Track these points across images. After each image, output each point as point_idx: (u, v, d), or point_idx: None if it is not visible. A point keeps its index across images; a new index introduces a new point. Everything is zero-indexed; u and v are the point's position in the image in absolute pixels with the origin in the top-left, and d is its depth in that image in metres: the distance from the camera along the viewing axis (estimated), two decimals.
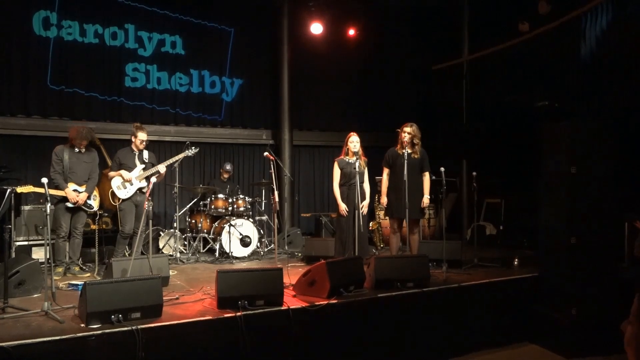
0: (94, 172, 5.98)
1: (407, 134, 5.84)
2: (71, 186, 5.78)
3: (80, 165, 5.87)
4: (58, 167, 5.77)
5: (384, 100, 10.00)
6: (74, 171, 5.83)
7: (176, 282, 5.42)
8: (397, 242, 6.00)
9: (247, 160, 9.44)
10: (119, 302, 3.78)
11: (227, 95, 9.22)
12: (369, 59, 9.98)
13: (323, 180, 9.96)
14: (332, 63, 9.75)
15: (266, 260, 7.09)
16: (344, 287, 4.63)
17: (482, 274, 5.78)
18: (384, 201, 5.93)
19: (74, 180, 5.82)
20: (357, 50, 9.86)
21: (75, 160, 5.84)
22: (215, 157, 9.16)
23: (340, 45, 9.79)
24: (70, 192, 5.74)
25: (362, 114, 9.97)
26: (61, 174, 5.72)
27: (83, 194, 5.81)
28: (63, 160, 5.77)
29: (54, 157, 5.80)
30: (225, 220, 7.34)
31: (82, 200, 5.79)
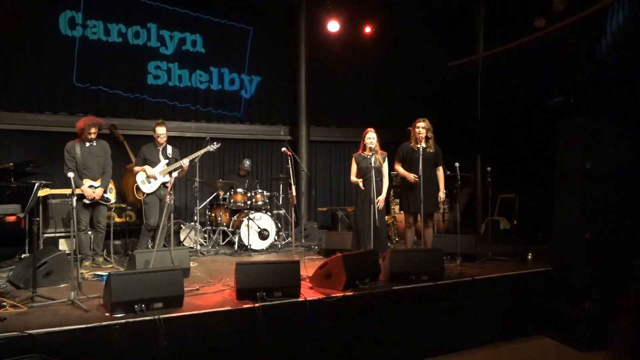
0: (107, 165, 5.86)
1: (423, 129, 5.80)
2: (86, 182, 5.67)
3: (93, 160, 5.72)
4: (71, 164, 5.61)
5: (401, 96, 9.94)
6: (88, 166, 5.68)
7: (197, 274, 5.46)
8: (412, 236, 5.98)
9: (265, 156, 9.47)
10: (142, 292, 3.82)
11: (246, 92, 9.24)
12: (385, 56, 9.93)
13: (339, 175, 9.95)
14: (349, 60, 9.71)
15: (283, 253, 7.11)
16: (360, 279, 4.63)
17: (495, 268, 5.73)
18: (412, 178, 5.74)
19: (89, 176, 5.71)
20: (374, 48, 9.81)
21: (87, 155, 5.70)
22: (234, 152, 9.20)
23: (357, 43, 9.75)
24: (87, 189, 5.64)
25: (379, 110, 9.92)
26: (75, 171, 5.56)
27: (99, 189, 5.72)
28: (75, 157, 5.64)
29: (66, 155, 5.63)
30: (244, 214, 7.37)
31: (99, 196, 5.71)
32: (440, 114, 9.75)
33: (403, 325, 4.62)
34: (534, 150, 7.62)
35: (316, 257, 6.73)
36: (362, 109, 9.92)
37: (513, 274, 5.43)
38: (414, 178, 5.66)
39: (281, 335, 4.06)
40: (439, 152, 5.93)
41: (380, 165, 5.85)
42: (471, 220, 9.23)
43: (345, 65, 9.71)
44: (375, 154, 5.73)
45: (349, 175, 5.98)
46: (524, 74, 8.28)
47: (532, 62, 8.10)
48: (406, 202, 5.92)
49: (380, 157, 5.85)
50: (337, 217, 8.57)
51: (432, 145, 5.87)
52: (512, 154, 8.27)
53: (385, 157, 5.96)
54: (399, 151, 5.99)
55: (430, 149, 5.83)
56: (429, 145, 5.84)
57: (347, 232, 7.10)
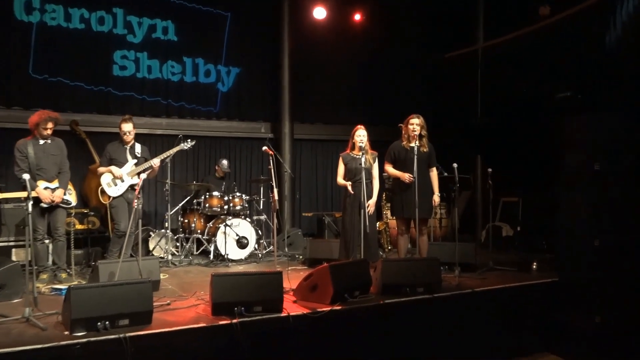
0: (64, 165, 5.74)
1: (417, 126, 5.82)
2: (41, 184, 5.52)
3: (48, 159, 5.57)
4: (24, 165, 5.43)
5: (393, 91, 9.97)
6: (42, 167, 5.51)
7: (167, 287, 5.41)
8: (405, 243, 5.99)
9: (245, 155, 9.43)
10: (105, 308, 3.77)
11: (223, 85, 9.20)
12: (377, 46, 9.95)
13: (326, 177, 9.95)
14: (337, 50, 9.72)
15: (265, 263, 7.08)
16: (349, 292, 4.62)
17: (497, 278, 5.75)
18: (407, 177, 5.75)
19: (44, 177, 5.55)
20: (364, 37, 9.82)
21: (42, 154, 5.55)
22: (210, 151, 9.15)
23: (346, 31, 9.76)
24: (42, 191, 5.48)
25: (369, 105, 9.95)
26: (29, 172, 5.28)
27: (59, 190, 5.60)
28: (28, 157, 5.46)
29: (17, 154, 5.44)
30: (221, 220, 7.33)
31: (60, 198, 5.59)
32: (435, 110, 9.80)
33: (396, 342, 4.61)
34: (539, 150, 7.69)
35: (300, 267, 6.71)
36: (351, 104, 9.93)
37: (516, 285, 5.45)
38: (410, 177, 5.67)
39: (262, 355, 4.03)
40: (432, 152, 5.96)
41: (371, 166, 5.85)
42: (470, 227, 9.28)
43: (333, 56, 9.72)
44: (365, 153, 5.73)
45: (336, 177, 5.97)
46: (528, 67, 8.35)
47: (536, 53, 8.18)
48: (399, 207, 5.93)
49: (370, 157, 5.85)
50: (324, 223, 8.56)
51: (426, 144, 5.90)
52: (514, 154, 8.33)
53: (376, 157, 5.97)
54: (390, 151, 6.01)
55: (424, 148, 5.85)
56: (423, 144, 5.86)
57: (334, 239, 7.10)
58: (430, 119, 6.07)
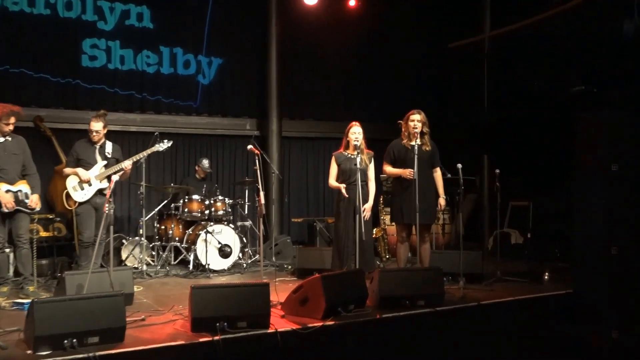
0: (30, 165, 5.66)
1: (418, 122, 5.82)
2: (2, 187, 5.46)
3: (10, 159, 5.51)
4: None
5: (391, 84, 9.98)
6: (3, 167, 5.48)
7: (142, 300, 5.39)
8: (405, 252, 6.00)
9: (228, 155, 9.41)
10: (73, 324, 3.74)
11: (204, 77, 9.18)
12: (374, 34, 9.96)
13: (318, 178, 9.94)
14: (330, 40, 9.72)
15: (250, 274, 7.08)
16: (343, 305, 4.61)
17: (506, 290, 5.77)
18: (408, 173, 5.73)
19: (5, 178, 5.49)
20: (359, 25, 9.83)
21: (2, 153, 5.47)
22: (189, 150, 9.12)
23: (339, 19, 9.76)
24: (4, 194, 5.41)
25: (366, 100, 9.95)
26: None
27: (34, 196, 5.56)
28: None
29: None
30: (201, 226, 7.31)
31: (37, 204, 5.56)
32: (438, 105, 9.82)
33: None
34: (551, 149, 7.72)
35: (289, 278, 6.72)
36: (345, 99, 9.93)
37: (527, 298, 5.47)
38: (410, 172, 5.65)
39: None
40: (435, 151, 5.97)
41: (367, 166, 5.85)
42: (476, 233, 9.30)
43: (326, 46, 9.71)
44: (361, 153, 5.73)
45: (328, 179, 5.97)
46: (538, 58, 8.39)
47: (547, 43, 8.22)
48: (398, 212, 5.93)
49: (366, 157, 5.86)
50: (315, 229, 8.56)
51: (428, 142, 5.91)
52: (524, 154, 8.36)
53: (372, 157, 5.97)
54: (389, 150, 6.01)
55: (426, 147, 5.86)
56: (425, 142, 5.87)
57: (326, 248, 7.09)
58: (433, 115, 6.07)
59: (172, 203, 7.77)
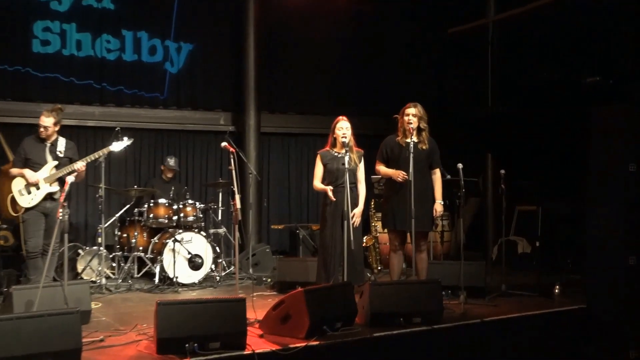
0: None
1: (413, 116, 5.83)
2: None
3: None
4: None
5: (385, 74, 10.00)
6: None
7: (101, 319, 5.37)
8: (399, 263, 6.01)
9: (199, 153, 9.38)
10: (21, 346, 3.70)
11: (172, 65, 9.13)
12: (364, 19, 9.98)
13: (301, 179, 9.94)
14: (316, 23, 9.72)
15: (224, 288, 7.08)
16: (329, 323, 4.62)
17: (512, 305, 5.80)
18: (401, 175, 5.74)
19: None
20: (349, 9, 9.85)
21: None
22: (155, 148, 9.08)
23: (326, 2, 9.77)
24: None
25: (356, 92, 9.96)
26: None
27: None
28: None
29: None
30: (169, 234, 7.28)
31: None
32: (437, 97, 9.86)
33: None
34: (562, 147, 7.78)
35: (269, 293, 6.73)
36: (332, 90, 9.92)
37: (535, 314, 5.50)
38: (403, 175, 5.68)
39: None
40: (435, 149, 5.99)
41: (356, 166, 5.86)
42: (479, 242, 9.35)
43: (311, 30, 9.71)
44: (350, 151, 5.73)
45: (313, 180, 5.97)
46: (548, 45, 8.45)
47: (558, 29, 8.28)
48: (391, 217, 5.94)
49: (355, 156, 5.86)
50: (298, 238, 8.56)
51: (426, 139, 5.92)
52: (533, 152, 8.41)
53: (362, 155, 5.98)
54: (382, 148, 6.02)
55: (423, 145, 5.87)
56: (422, 139, 5.88)
57: (310, 258, 7.09)
58: (432, 109, 6.09)
59: (136, 208, 7.72)
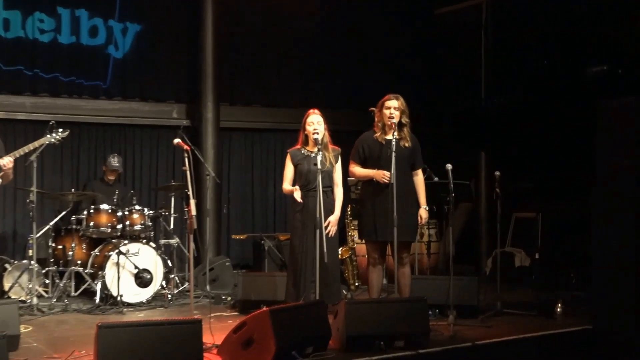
0: None
1: (395, 110, 5.84)
2: None
3: None
4: None
5: (363, 61, 10.04)
6: None
7: (31, 344, 5.32)
8: (379, 278, 6.01)
9: (148, 151, 9.34)
10: None
11: (117, 49, 9.06)
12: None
13: (267, 182, 9.95)
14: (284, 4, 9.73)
15: (176, 307, 7.05)
16: (298, 348, 4.62)
17: (508, 326, 5.84)
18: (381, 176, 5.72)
19: None
20: None
21: None
22: (96, 145, 9.02)
23: None
24: None
25: (330, 81, 9.98)
26: None
27: None
28: None
29: None
30: (112, 245, 7.23)
31: None
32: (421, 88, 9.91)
33: None
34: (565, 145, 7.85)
35: (229, 313, 6.71)
36: (303, 79, 9.95)
37: (534, 336, 5.54)
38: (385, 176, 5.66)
39: None
40: (417, 147, 6.00)
41: (332, 167, 5.85)
42: (471, 254, 9.40)
43: (279, 12, 9.72)
44: (324, 149, 5.73)
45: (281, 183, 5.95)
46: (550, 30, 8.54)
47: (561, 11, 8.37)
48: (370, 226, 5.93)
49: (331, 154, 5.86)
50: (263, 249, 8.53)
51: (408, 136, 5.92)
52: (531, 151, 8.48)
53: (339, 154, 5.97)
54: (358, 146, 6.01)
55: (405, 142, 5.88)
56: (404, 136, 5.88)
57: (278, 273, 7.11)
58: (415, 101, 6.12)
59: (73, 215, 7.63)
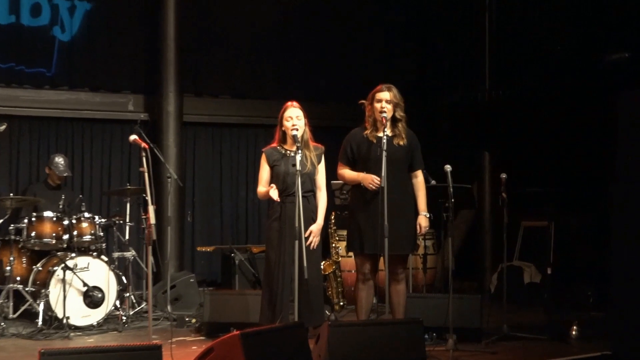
0: None
1: (387, 103, 5.84)
2: None
3: None
4: None
5: (350, 47, 10.06)
6: None
7: None
8: (368, 297, 5.99)
9: (99, 150, 9.32)
10: None
11: (63, 30, 9.03)
12: None
13: (237, 185, 9.95)
14: None
15: (132, 331, 7.03)
16: None
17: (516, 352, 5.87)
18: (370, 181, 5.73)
19: None
20: None
21: None
22: (39, 142, 9.00)
23: None
24: None
25: (311, 70, 10.00)
26: None
27: None
28: None
29: None
30: (57, 259, 7.18)
31: None
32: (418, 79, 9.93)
33: None
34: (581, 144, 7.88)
35: (193, 338, 6.70)
36: (279, 67, 9.97)
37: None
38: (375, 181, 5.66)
39: None
40: (415, 145, 5.99)
41: (314, 168, 5.83)
42: (474, 268, 9.42)
43: None
44: (304, 148, 5.71)
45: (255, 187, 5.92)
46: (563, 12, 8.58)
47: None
48: (358, 237, 5.92)
49: (313, 154, 5.84)
50: (233, 263, 8.51)
51: (404, 132, 5.92)
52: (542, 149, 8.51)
53: (322, 153, 5.96)
54: (345, 145, 6.00)
55: (400, 140, 5.88)
56: (398, 132, 5.88)
57: (251, 291, 7.15)
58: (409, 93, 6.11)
59: (11, 224, 7.57)
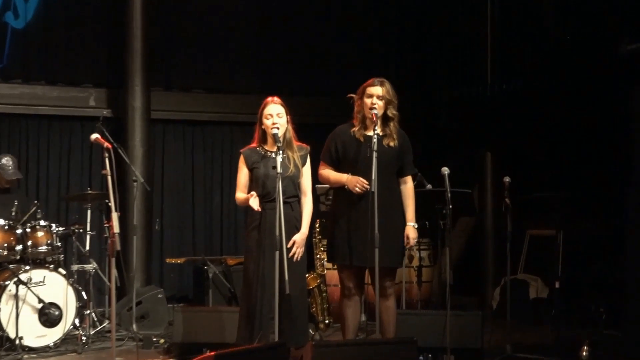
0: None
1: (379, 98, 5.86)
2: None
3: None
4: None
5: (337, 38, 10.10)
6: None
7: None
8: (355, 314, 6.01)
9: (57, 150, 9.34)
10: None
11: (17, 17, 9.03)
12: None
13: (211, 190, 9.97)
14: None
15: (93, 353, 7.05)
16: None
17: None
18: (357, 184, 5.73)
19: None
20: None
21: None
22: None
23: None
24: None
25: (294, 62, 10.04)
26: None
27: None
28: None
29: None
30: (9, 272, 7.15)
31: None
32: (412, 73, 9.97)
33: None
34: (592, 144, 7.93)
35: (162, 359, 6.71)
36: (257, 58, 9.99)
37: None
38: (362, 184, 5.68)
39: None
40: (407, 147, 6.01)
41: (298, 171, 5.84)
42: (474, 282, 9.46)
43: None
44: (287, 149, 5.72)
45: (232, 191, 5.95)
46: None
47: None
48: (343, 247, 5.92)
49: (296, 155, 5.85)
50: (207, 277, 8.51)
51: (395, 132, 5.93)
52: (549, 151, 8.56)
53: (308, 154, 5.97)
54: (330, 143, 6.01)
55: (391, 140, 5.89)
56: (389, 132, 5.89)
57: (226, 307, 7.19)
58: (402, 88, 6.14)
59: None
